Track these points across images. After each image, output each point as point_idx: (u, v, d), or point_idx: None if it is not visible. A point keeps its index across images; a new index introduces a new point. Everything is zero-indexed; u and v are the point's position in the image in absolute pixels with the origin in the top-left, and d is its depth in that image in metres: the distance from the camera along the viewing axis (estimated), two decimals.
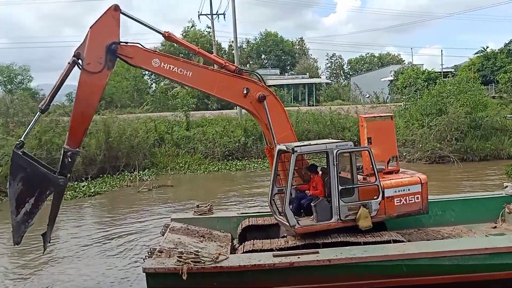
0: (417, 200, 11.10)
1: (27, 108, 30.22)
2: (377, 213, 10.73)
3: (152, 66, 10.72)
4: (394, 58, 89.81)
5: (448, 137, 27.99)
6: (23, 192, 9.89)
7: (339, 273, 9.62)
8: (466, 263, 9.70)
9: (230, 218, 13.09)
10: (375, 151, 11.19)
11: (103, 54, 10.23)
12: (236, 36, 40.28)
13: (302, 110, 37.27)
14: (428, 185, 11.19)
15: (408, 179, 11.17)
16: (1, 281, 12.22)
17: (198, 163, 29.08)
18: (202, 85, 11.27)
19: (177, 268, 9.21)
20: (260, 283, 9.57)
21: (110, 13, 10.40)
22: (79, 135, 10.43)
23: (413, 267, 9.69)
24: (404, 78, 49.11)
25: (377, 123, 11.84)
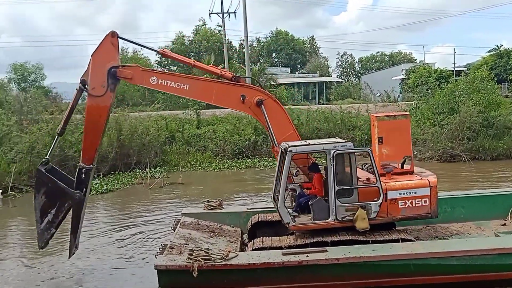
0: (425, 203, 10.80)
1: (40, 106, 30.52)
2: (378, 215, 10.66)
3: (150, 83, 11.42)
4: (406, 57, 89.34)
5: (460, 136, 27.85)
6: (45, 204, 11.19)
7: (347, 272, 9.74)
8: (475, 263, 9.74)
9: (240, 213, 13.34)
10: (387, 151, 11.28)
11: (105, 78, 11.07)
12: (246, 35, 40.47)
13: (312, 108, 37.23)
14: (439, 183, 11.13)
15: (415, 182, 10.88)
16: (15, 271, 12.52)
17: (208, 161, 29.20)
18: (200, 96, 12.18)
19: (187, 266, 9.46)
20: (269, 281, 9.72)
21: (108, 40, 11.21)
22: (91, 153, 11.45)
23: (421, 266, 9.75)
24: (415, 76, 48.87)
25: (390, 123, 11.67)
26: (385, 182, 10.86)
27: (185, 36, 77.82)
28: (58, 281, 11.78)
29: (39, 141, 24.54)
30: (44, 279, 11.91)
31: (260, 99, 11.53)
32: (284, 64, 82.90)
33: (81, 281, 11.74)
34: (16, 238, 15.87)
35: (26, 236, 15.91)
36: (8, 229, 17.26)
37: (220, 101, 11.90)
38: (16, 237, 16.01)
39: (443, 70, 50.13)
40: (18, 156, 23.91)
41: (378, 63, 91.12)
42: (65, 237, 14.52)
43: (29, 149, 24.01)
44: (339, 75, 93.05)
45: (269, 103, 11.66)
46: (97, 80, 11.13)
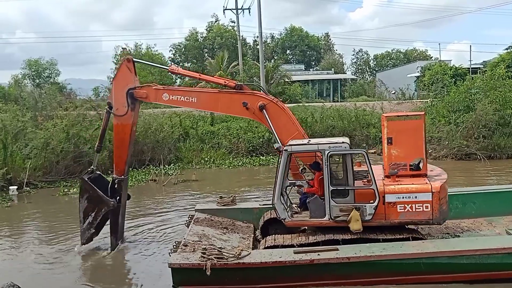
0: (426, 209, 10.48)
1: (55, 102, 30.68)
2: (375, 218, 10.63)
3: (163, 100, 12.50)
4: (421, 54, 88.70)
5: (475, 135, 27.51)
6: (87, 208, 12.78)
7: (358, 270, 9.86)
8: (485, 262, 9.77)
9: (252, 209, 13.56)
10: (396, 152, 11.10)
11: (125, 100, 12.34)
12: (261, 31, 40.37)
13: (326, 106, 37.07)
14: (454, 181, 11.02)
15: (416, 186, 10.58)
16: (30, 266, 12.63)
17: (222, 158, 29.21)
18: (208, 107, 13.23)
19: (201, 264, 9.68)
20: (281, 279, 9.92)
21: (124, 65, 12.61)
22: (122, 166, 12.84)
23: (431, 265, 9.82)
24: (431, 74, 48.49)
25: (401, 123, 11.45)
26: (387, 184, 10.75)
27: (198, 32, 77.98)
28: (72, 276, 11.85)
29: (53, 137, 24.63)
30: (58, 273, 12.02)
31: (262, 104, 11.86)
32: (299, 61, 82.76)
33: (95, 276, 11.80)
34: (32, 234, 15.91)
35: (41, 232, 16.03)
36: (23, 224, 17.35)
37: (225, 110, 12.98)
38: (32, 233, 16.07)
39: (459, 68, 49.67)
40: (33, 152, 24.03)
41: (394, 60, 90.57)
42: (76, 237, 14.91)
43: (44, 145, 24.09)
44: (354, 72, 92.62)
45: (271, 107, 11.95)
46: (119, 102, 12.44)
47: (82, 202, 12.85)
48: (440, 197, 10.41)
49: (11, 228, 16.82)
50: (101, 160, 25.19)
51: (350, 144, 11.04)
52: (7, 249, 14.17)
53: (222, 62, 54.87)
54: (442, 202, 10.52)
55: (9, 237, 15.64)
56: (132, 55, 66.31)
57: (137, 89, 12.48)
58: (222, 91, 12.51)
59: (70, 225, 16.29)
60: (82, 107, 30.21)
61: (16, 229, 16.70)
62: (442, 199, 10.48)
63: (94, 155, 13.90)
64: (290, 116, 12.15)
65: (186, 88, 13.56)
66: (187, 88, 13.49)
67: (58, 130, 25.19)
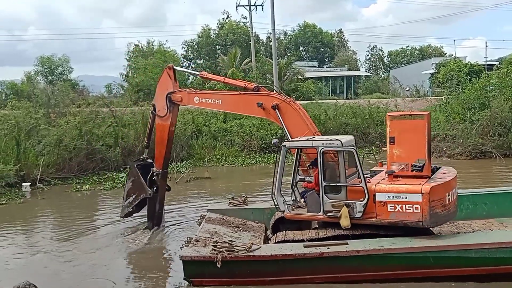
0: (416, 210, 10.20)
1: (67, 99, 30.79)
2: (366, 216, 10.61)
3: (194, 102, 13.70)
4: (436, 51, 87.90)
5: (490, 132, 27.17)
6: (130, 189, 14.61)
7: (367, 263, 9.92)
8: (494, 256, 9.73)
9: (264, 209, 13.66)
10: (398, 152, 10.95)
11: (165, 103, 13.81)
12: (274, 28, 40.18)
13: (340, 103, 36.84)
14: (470, 181, 10.78)
15: (407, 187, 10.35)
16: (42, 261, 12.73)
17: (235, 155, 29.12)
18: (231, 108, 14.30)
19: (212, 257, 9.91)
20: (291, 272, 10.02)
21: (165, 72, 14.14)
22: (161, 160, 14.42)
23: (440, 259, 9.84)
24: (445, 71, 48.05)
25: (404, 122, 11.16)
26: (379, 183, 10.67)
27: (211, 29, 77.93)
28: (82, 270, 11.92)
29: (66, 134, 24.73)
30: (72, 272, 12.02)
31: (275, 103, 12.43)
32: (312, 58, 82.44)
33: (107, 274, 11.72)
34: (45, 231, 15.93)
35: (54, 229, 16.04)
36: (36, 221, 17.38)
37: (246, 111, 13.99)
38: (45, 230, 16.09)
39: (474, 65, 49.14)
40: (46, 149, 24.13)
41: (408, 57, 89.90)
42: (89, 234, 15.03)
43: (56, 142, 24.20)
44: (368, 69, 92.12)
45: (284, 106, 12.46)
46: (161, 104, 13.99)
47: (128, 183, 14.80)
48: (431, 200, 10.07)
49: (25, 225, 16.86)
50: (114, 157, 25.39)
51: (355, 143, 11.49)
52: (21, 246, 14.23)
53: (234, 59, 54.75)
54: (434, 205, 10.16)
55: (23, 234, 15.72)
56: (143, 51, 66.57)
57: (174, 93, 13.78)
58: (242, 93, 13.26)
59: (83, 222, 16.48)
60: (94, 104, 30.31)
61: (30, 226, 16.73)
62: (433, 201, 10.12)
63: (144, 150, 15.53)
64: (301, 115, 12.42)
65: (213, 92, 15.12)
66: (214, 91, 15.01)
67: (71, 127, 25.30)
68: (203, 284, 10.24)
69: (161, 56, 60.43)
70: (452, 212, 10.68)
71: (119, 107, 32.05)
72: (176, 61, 64.16)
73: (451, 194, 10.56)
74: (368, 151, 27.89)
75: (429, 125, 10.84)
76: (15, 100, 32.61)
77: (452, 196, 10.61)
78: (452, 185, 10.68)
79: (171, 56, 63.67)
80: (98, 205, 19.48)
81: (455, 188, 10.83)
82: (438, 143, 28.37)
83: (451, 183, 10.65)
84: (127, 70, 68.03)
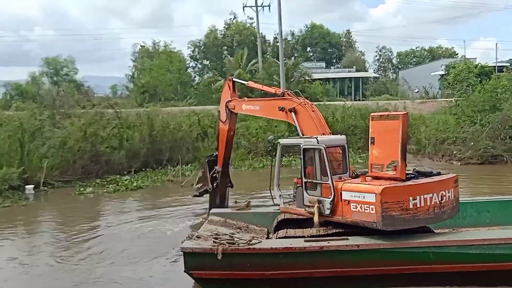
0: (372, 211, 10.02)
1: (73, 100, 30.55)
2: (334, 214, 10.76)
3: (242, 109, 15.08)
4: (447, 52, 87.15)
5: (502, 135, 26.75)
6: (199, 178, 17.08)
7: (367, 258, 10.01)
8: (494, 252, 9.79)
9: (267, 213, 13.68)
10: (377, 152, 10.88)
11: (225, 110, 15.36)
12: (281, 29, 39.82)
13: (348, 105, 36.37)
14: (480, 188, 10.50)
15: (365, 186, 10.27)
16: (48, 271, 12.38)
17: (241, 158, 28.71)
18: (265, 113, 15.11)
19: (212, 249, 10.06)
20: (291, 266, 10.08)
21: (226, 83, 15.77)
22: (221, 159, 16.17)
23: (440, 254, 9.89)
24: (455, 72, 47.57)
25: (382, 123, 10.90)
26: (345, 181, 10.79)
27: (217, 30, 77.74)
28: (82, 270, 11.92)
29: (71, 136, 24.47)
30: (67, 270, 12.05)
31: (292, 107, 13.08)
32: (319, 59, 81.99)
33: (110, 278, 11.57)
34: (48, 234, 15.63)
35: (57, 232, 15.78)
36: (39, 224, 17.15)
37: (274, 115, 14.40)
38: (48, 233, 15.81)
39: (485, 66, 48.58)
40: (50, 151, 23.85)
41: (417, 58, 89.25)
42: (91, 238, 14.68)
43: (61, 144, 23.94)
44: (376, 70, 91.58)
45: (299, 109, 13.06)
46: (222, 111, 15.65)
47: (199, 172, 17.27)
48: (383, 201, 9.80)
49: (27, 229, 16.61)
50: (119, 159, 25.11)
51: (347, 143, 11.82)
52: (23, 251, 13.94)
53: (241, 59, 54.48)
54: (389, 207, 9.86)
55: (25, 238, 15.49)
56: (149, 52, 66.50)
57: (230, 102, 15.23)
58: (271, 99, 14.17)
59: (85, 225, 16.25)
60: (99, 105, 30.01)
61: (32, 230, 16.47)
62: (386, 203, 9.83)
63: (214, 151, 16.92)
64: (313, 116, 12.80)
65: (255, 99, 16.86)
66: (255, 99, 16.63)
67: (76, 129, 25.02)
68: (203, 276, 10.37)
69: (167, 57, 60.32)
70: (424, 218, 10.20)
71: (124, 108, 31.79)
72: (181, 62, 63.94)
73: (423, 200, 10.13)
74: None
75: (405, 126, 10.49)
76: (19, 101, 32.50)
77: (427, 202, 10.16)
78: (428, 190, 10.23)
79: (177, 57, 63.52)
80: (100, 209, 19.18)
81: (432, 193, 10.27)
82: (448, 146, 28.00)
83: (425, 187, 10.27)
84: (133, 71, 68.00)
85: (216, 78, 55.72)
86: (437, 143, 28.75)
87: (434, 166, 25.85)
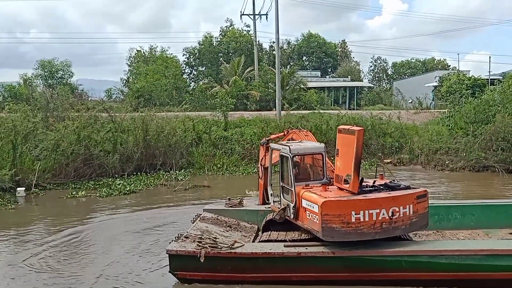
0: (316, 221, 10.45)
1: (67, 103, 30.47)
2: (296, 218, 11.46)
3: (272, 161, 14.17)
4: (439, 63, 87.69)
5: (493, 147, 26.90)
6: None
7: (342, 265, 10.48)
8: (463, 263, 10.19)
9: (258, 211, 14.06)
10: (339, 164, 11.27)
11: (260, 168, 14.23)
12: (278, 37, 39.79)
13: (342, 113, 36.50)
14: (470, 194, 10.72)
15: (313, 197, 10.69)
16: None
17: (234, 164, 28.71)
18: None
19: (196, 252, 10.62)
20: (270, 269, 10.66)
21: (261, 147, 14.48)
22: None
23: (412, 263, 10.28)
24: (448, 84, 47.90)
25: (344, 136, 11.19)
26: (304, 189, 11.26)
27: (213, 37, 77.89)
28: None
29: (64, 138, 24.38)
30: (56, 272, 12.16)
31: (291, 136, 14.13)
32: (315, 68, 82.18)
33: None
34: (36, 237, 15.61)
35: (46, 235, 15.74)
36: (28, 227, 16.97)
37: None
38: (36, 236, 15.76)
39: (478, 79, 48.97)
40: (43, 153, 23.79)
41: (411, 69, 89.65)
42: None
43: (54, 146, 23.87)
44: (371, 80, 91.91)
45: (295, 136, 14.00)
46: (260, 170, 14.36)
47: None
48: (323, 213, 10.19)
49: (16, 231, 16.50)
50: (112, 163, 25.07)
51: (325, 149, 12.40)
52: (11, 255, 13.93)
53: (238, 67, 54.59)
54: (329, 219, 10.20)
55: (12, 241, 15.39)
56: (145, 57, 66.55)
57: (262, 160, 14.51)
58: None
59: (76, 232, 16.16)
60: (94, 109, 29.93)
61: (21, 233, 16.32)
62: (327, 215, 10.18)
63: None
64: (307, 136, 13.80)
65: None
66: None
67: (69, 131, 24.95)
68: (186, 277, 10.95)
69: (163, 63, 60.36)
70: (368, 232, 10.33)
71: (118, 112, 31.74)
72: (177, 68, 63.98)
73: (369, 215, 10.26)
74: (370, 164, 27.69)
75: (359, 142, 10.72)
76: (13, 103, 32.34)
77: (372, 217, 10.28)
78: (374, 206, 10.36)
79: (173, 63, 63.57)
80: (91, 213, 19.06)
81: (380, 209, 10.36)
82: (441, 156, 28.14)
83: (371, 202, 10.40)
84: (128, 75, 67.97)
85: (211, 84, 55.78)
86: (429, 153, 28.88)
87: (427, 175, 26.16)
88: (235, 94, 46.81)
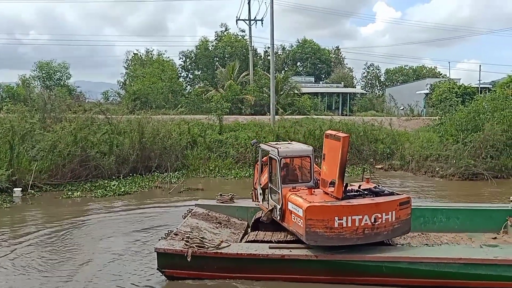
0: (301, 224, 10.79)
1: (64, 104, 30.70)
2: (283, 220, 11.78)
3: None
4: (430, 71, 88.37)
5: (483, 154, 27.38)
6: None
7: (324, 268, 10.82)
8: (442, 270, 10.50)
9: (248, 208, 14.47)
10: (325, 169, 11.51)
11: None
12: (273, 43, 40.19)
13: (335, 119, 36.93)
14: (460, 200, 10.97)
15: (299, 201, 11.02)
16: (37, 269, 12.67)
17: (228, 168, 29.03)
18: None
19: (183, 251, 10.86)
20: (255, 270, 10.98)
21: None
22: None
23: (393, 269, 10.60)
24: (438, 92, 48.41)
25: (330, 142, 11.43)
26: (291, 192, 11.63)
27: (209, 41, 78.18)
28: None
29: (61, 140, 24.59)
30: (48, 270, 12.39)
31: None
32: (309, 73, 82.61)
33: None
34: (33, 238, 15.73)
35: (41, 237, 15.88)
36: (24, 227, 17.19)
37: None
38: (32, 237, 15.86)
39: (468, 87, 49.55)
40: (40, 154, 23.97)
41: (404, 76, 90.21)
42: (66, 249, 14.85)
43: (51, 147, 24.08)
44: (363, 86, 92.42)
45: None
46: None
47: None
48: (307, 218, 10.52)
49: (11, 232, 16.69)
50: (108, 165, 25.32)
51: (313, 152, 12.68)
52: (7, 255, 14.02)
53: (233, 71, 54.96)
54: (313, 224, 10.49)
55: (8, 241, 15.46)
56: (142, 60, 66.66)
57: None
58: None
59: (68, 230, 16.44)
60: (91, 110, 30.20)
61: (16, 233, 16.45)
62: (310, 220, 10.49)
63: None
64: None
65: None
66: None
67: (66, 133, 25.14)
68: (173, 275, 11.24)
69: (159, 66, 60.61)
70: (350, 238, 10.58)
71: (115, 114, 32.00)
72: (174, 71, 64.28)
73: (351, 220, 10.52)
74: (363, 169, 28.10)
75: (345, 148, 10.92)
76: (10, 103, 32.51)
77: (355, 222, 10.54)
78: (357, 212, 10.60)
79: (169, 66, 63.84)
80: (84, 213, 19.23)
81: (362, 215, 10.61)
82: (431, 163, 28.54)
83: (354, 208, 10.63)
84: (125, 78, 68.15)
85: (207, 88, 56.09)
86: (420, 160, 29.33)
87: (417, 181, 26.61)
88: (230, 98, 47.19)
